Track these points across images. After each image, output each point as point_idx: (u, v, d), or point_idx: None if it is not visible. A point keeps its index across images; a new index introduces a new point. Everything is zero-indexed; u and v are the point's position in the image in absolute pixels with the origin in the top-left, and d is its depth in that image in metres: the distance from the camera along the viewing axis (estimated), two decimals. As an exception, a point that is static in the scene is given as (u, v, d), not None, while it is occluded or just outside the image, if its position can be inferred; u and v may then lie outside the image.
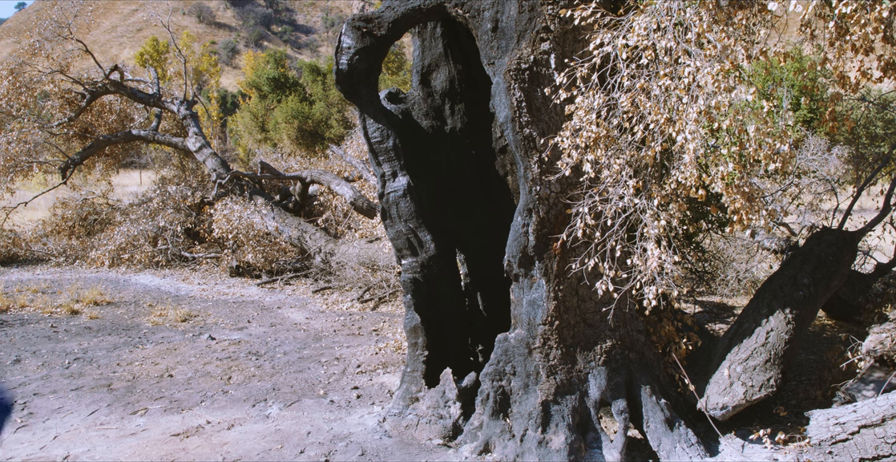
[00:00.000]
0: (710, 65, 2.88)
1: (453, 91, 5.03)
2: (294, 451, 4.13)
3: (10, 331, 6.89)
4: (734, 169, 3.07)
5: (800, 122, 10.63)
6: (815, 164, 7.98)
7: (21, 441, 4.28)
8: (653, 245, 3.33)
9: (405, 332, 4.71)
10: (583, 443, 3.78)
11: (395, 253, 4.81)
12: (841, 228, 4.85)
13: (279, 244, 10.50)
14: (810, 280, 4.20)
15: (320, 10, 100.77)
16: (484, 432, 4.03)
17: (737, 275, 8.12)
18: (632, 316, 4.00)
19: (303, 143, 20.24)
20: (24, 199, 12.53)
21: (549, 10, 3.58)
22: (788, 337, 3.86)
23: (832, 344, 5.25)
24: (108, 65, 12.09)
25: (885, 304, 5.19)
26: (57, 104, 12.10)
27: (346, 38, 4.35)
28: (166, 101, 12.42)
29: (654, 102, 3.09)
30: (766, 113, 3.00)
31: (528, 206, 3.71)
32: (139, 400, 5.02)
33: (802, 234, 7.50)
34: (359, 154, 11.82)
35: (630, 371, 3.94)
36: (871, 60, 3.01)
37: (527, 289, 3.90)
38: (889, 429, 3.14)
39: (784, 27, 3.33)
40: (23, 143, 11.41)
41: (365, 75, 4.47)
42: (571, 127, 3.32)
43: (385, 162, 4.59)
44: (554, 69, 3.60)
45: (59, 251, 11.41)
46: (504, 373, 4.01)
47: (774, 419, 4.15)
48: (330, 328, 7.32)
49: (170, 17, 19.44)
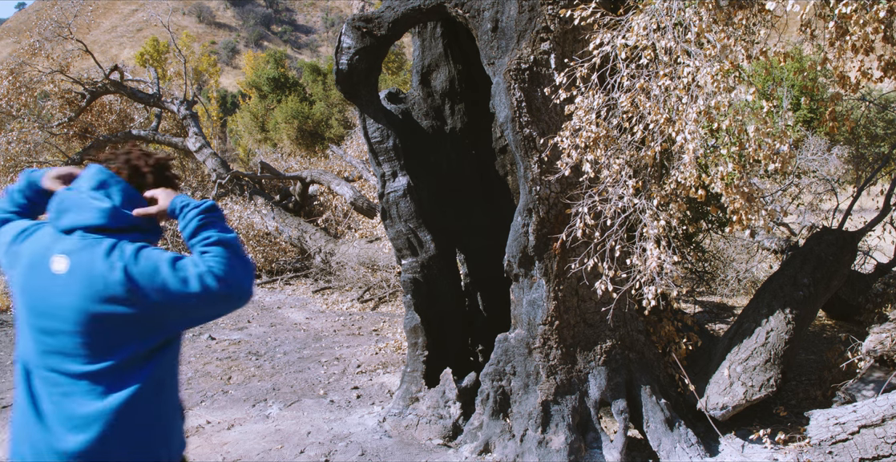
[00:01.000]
0: (710, 65, 2.88)
1: (453, 91, 5.03)
2: (294, 451, 4.13)
3: (10, 331, 6.89)
4: (734, 169, 3.07)
5: (800, 122, 10.63)
6: (815, 164, 7.98)
7: (21, 441, 4.28)
8: (652, 245, 3.33)
9: (405, 332, 4.71)
10: (583, 443, 3.78)
11: (395, 253, 4.81)
12: (841, 228, 4.85)
13: (279, 244, 10.50)
14: (810, 280, 4.20)
15: (320, 10, 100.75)
16: (484, 432, 4.03)
17: (737, 275, 8.12)
18: (632, 316, 4.00)
19: (303, 143, 20.24)
20: (24, 199, 12.51)
21: (549, 10, 3.58)
22: (788, 337, 3.86)
23: (832, 344, 5.24)
24: (108, 65, 12.09)
25: (885, 304, 5.19)
26: (57, 104, 12.10)
27: (346, 38, 4.35)
28: (166, 101, 12.42)
29: (653, 102, 3.09)
30: (765, 113, 3.00)
31: (528, 206, 3.71)
32: (139, 400, 5.02)
33: (802, 234, 7.50)
34: (359, 154, 11.83)
35: (630, 371, 3.94)
36: (872, 60, 3.01)
37: (527, 289, 3.90)
38: (889, 429, 3.14)
39: (784, 27, 3.33)
40: (23, 143, 11.41)
41: (365, 75, 4.47)
42: (571, 127, 3.32)
43: (385, 162, 4.59)
44: (554, 69, 3.60)
45: (59, 251, 11.41)
46: (504, 373, 4.01)
47: (774, 419, 4.15)
48: (330, 328, 7.32)
49: (170, 17, 19.45)
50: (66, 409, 1.62)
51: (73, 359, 1.62)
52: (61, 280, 1.63)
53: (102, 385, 1.62)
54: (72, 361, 1.62)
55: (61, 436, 1.61)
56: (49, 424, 1.63)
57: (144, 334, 1.65)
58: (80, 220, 1.68)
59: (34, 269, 1.67)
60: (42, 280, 1.65)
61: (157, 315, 1.64)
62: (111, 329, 1.62)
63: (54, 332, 1.63)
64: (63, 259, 1.64)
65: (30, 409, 1.66)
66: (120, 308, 1.60)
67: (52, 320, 1.63)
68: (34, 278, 1.67)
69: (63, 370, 1.63)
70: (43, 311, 1.65)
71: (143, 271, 1.61)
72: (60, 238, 1.68)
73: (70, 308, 1.61)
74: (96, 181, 1.74)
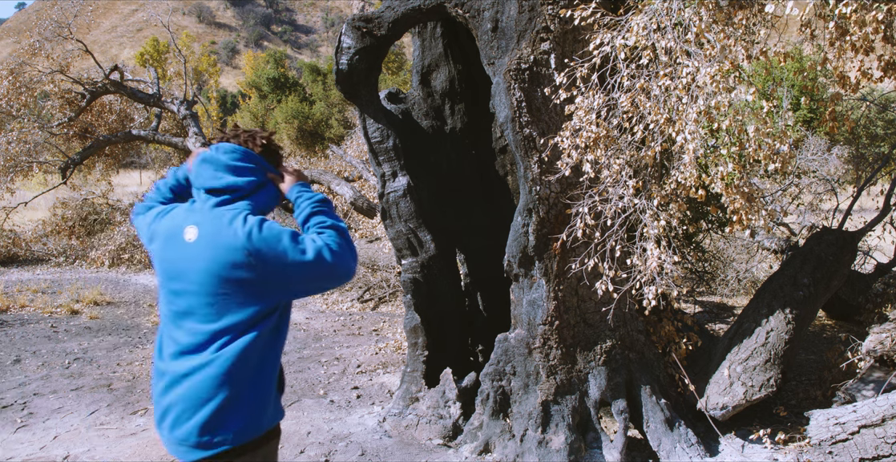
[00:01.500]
0: (710, 65, 2.88)
1: (453, 91, 5.03)
2: (294, 451, 4.13)
3: (10, 331, 6.89)
4: (734, 169, 3.07)
5: (800, 122, 10.63)
6: (815, 164, 7.98)
7: (21, 441, 4.28)
8: (653, 245, 3.33)
9: (405, 332, 4.71)
10: (583, 443, 3.78)
11: (395, 253, 4.80)
12: (841, 228, 4.85)
13: (279, 244, 10.49)
14: (810, 280, 4.20)
15: (320, 10, 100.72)
16: (484, 432, 4.03)
17: (737, 275, 8.12)
18: (632, 316, 4.00)
19: (303, 143, 20.24)
20: (24, 199, 12.52)
21: (549, 10, 3.58)
22: (788, 337, 3.86)
23: (832, 344, 5.24)
24: (108, 65, 12.09)
25: (885, 304, 5.19)
26: (57, 104, 12.10)
27: (346, 38, 4.35)
28: (166, 101, 12.42)
29: (653, 102, 3.09)
30: (765, 113, 3.00)
31: (528, 206, 3.71)
32: (139, 400, 5.02)
33: (802, 234, 7.50)
34: (359, 154, 11.82)
35: (630, 371, 3.94)
36: (872, 60, 3.01)
37: (527, 289, 3.90)
38: (889, 429, 3.14)
39: (784, 27, 3.33)
40: (23, 143, 11.41)
41: (365, 75, 4.47)
42: (571, 127, 3.32)
43: (385, 162, 4.59)
44: (554, 69, 3.60)
45: (59, 251, 11.40)
46: (504, 373, 4.01)
47: (774, 419, 4.15)
48: (330, 328, 7.32)
49: (170, 17, 19.44)
50: (185, 362, 1.86)
51: (198, 317, 1.87)
52: (192, 247, 1.89)
53: (219, 341, 1.84)
54: (196, 320, 1.87)
55: (179, 383, 1.86)
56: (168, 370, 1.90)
57: (256, 300, 1.86)
58: (217, 183, 1.96)
59: (170, 239, 1.95)
60: (176, 249, 1.92)
61: (270, 282, 1.85)
62: (230, 292, 1.84)
63: (184, 294, 1.89)
64: (193, 229, 1.91)
65: (159, 360, 1.95)
66: (240, 272, 1.83)
67: (182, 282, 1.90)
68: (169, 248, 1.94)
69: (188, 328, 1.88)
70: (175, 276, 1.91)
71: (266, 239, 1.83)
72: (192, 212, 1.96)
73: (198, 271, 1.86)
74: (231, 150, 2.02)
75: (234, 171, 1.98)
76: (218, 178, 1.96)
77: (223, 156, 1.99)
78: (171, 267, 1.93)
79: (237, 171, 1.98)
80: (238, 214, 1.89)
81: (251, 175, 2.01)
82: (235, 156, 2.00)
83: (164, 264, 1.95)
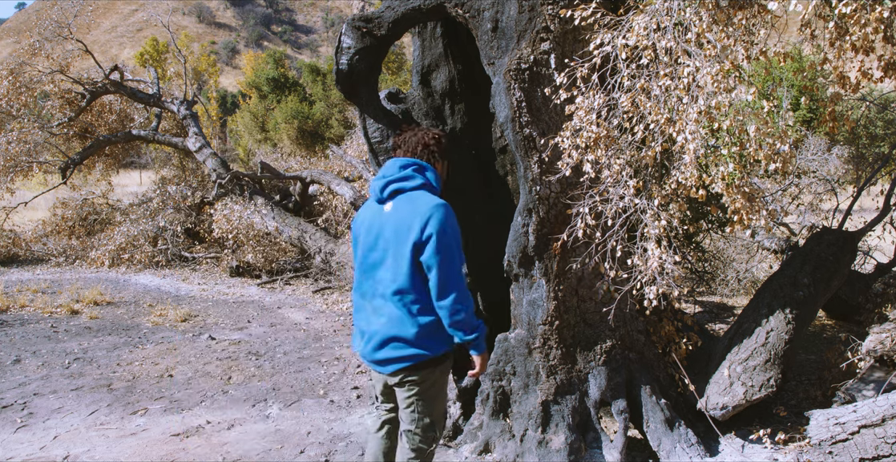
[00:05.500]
0: (710, 65, 2.88)
1: (453, 91, 5.03)
2: (294, 451, 4.13)
3: (10, 331, 6.89)
4: (734, 169, 3.07)
5: (800, 122, 10.63)
6: (815, 164, 7.98)
7: (21, 441, 4.28)
8: (653, 245, 3.33)
9: (405, 332, 4.71)
10: (583, 443, 3.78)
11: (395, 253, 4.80)
12: (841, 228, 4.85)
13: (279, 244, 10.50)
14: (810, 280, 4.20)
15: (320, 10, 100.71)
16: (484, 432, 4.03)
17: (737, 275, 8.12)
18: (632, 316, 4.00)
19: (303, 143, 20.24)
20: (24, 199, 12.52)
21: (549, 10, 3.58)
22: (788, 337, 3.86)
23: (832, 344, 5.24)
24: (108, 65, 12.08)
25: (885, 304, 5.19)
26: (57, 104, 12.09)
27: (345, 38, 4.35)
28: (166, 101, 12.41)
29: (654, 102, 3.09)
30: (766, 113, 3.00)
31: (528, 206, 3.71)
32: (139, 400, 5.02)
33: (802, 234, 7.50)
34: (359, 154, 11.82)
35: (630, 371, 3.94)
36: (872, 60, 3.00)
37: (527, 289, 3.90)
38: (889, 429, 3.14)
39: (784, 27, 3.33)
40: (23, 143, 11.41)
41: (365, 75, 4.47)
42: (571, 127, 3.32)
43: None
44: (554, 69, 3.60)
45: (59, 251, 11.41)
46: (504, 373, 4.01)
47: (774, 419, 4.15)
48: (330, 328, 7.32)
49: (170, 17, 19.45)
50: (382, 311, 2.73)
51: (387, 283, 2.68)
52: (387, 221, 2.70)
53: (405, 298, 2.65)
54: (385, 285, 2.69)
55: (377, 321, 2.76)
56: (369, 317, 2.80)
57: (420, 270, 2.64)
58: (400, 186, 2.78)
59: (369, 218, 2.80)
60: (373, 226, 2.75)
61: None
62: (408, 262, 2.61)
63: (376, 264, 2.72)
64: (390, 205, 2.73)
65: (360, 317, 2.85)
66: (412, 247, 2.60)
67: (376, 252, 2.72)
68: (369, 224, 2.78)
69: (377, 291, 2.73)
70: (371, 247, 2.74)
71: (438, 233, 2.60)
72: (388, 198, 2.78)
73: (387, 240, 2.68)
74: (404, 164, 2.86)
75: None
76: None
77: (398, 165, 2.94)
78: (370, 240, 2.82)
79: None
80: (428, 202, 2.76)
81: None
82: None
83: (364, 238, 2.86)
